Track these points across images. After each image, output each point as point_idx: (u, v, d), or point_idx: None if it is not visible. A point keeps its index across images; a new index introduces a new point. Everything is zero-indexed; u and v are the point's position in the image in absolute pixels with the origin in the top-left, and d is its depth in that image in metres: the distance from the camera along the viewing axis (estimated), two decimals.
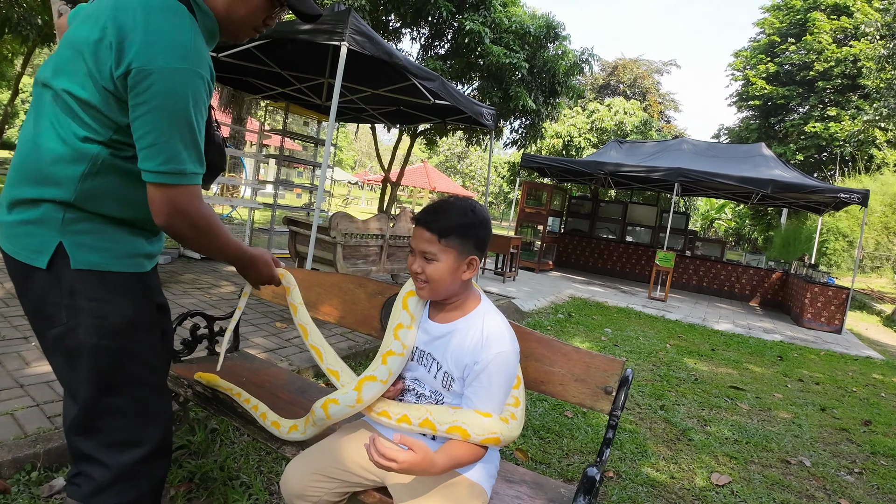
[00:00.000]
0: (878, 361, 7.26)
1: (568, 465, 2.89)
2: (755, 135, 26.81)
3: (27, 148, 1.29)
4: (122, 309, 1.35)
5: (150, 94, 1.19)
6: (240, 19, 1.43)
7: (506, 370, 1.43)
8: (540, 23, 11.72)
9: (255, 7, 1.43)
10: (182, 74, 1.21)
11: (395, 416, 1.47)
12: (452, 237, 1.43)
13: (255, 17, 1.45)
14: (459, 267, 1.46)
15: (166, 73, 1.19)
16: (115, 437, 1.38)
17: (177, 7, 1.26)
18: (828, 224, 17.67)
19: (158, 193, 1.25)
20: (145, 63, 1.18)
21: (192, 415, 2.52)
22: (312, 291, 2.29)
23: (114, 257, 1.34)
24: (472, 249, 1.47)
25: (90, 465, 1.37)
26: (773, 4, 28.51)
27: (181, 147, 1.23)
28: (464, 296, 1.53)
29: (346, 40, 4.38)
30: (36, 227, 1.28)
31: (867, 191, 9.78)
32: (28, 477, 2.05)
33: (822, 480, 3.18)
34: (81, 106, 1.24)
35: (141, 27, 1.20)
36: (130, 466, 1.38)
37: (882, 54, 15.97)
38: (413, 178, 29.12)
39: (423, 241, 1.46)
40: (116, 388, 1.37)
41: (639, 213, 14.77)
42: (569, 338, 5.88)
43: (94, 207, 1.30)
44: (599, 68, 39.27)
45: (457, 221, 1.44)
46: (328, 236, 5.16)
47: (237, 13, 1.42)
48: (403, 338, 1.55)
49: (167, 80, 1.19)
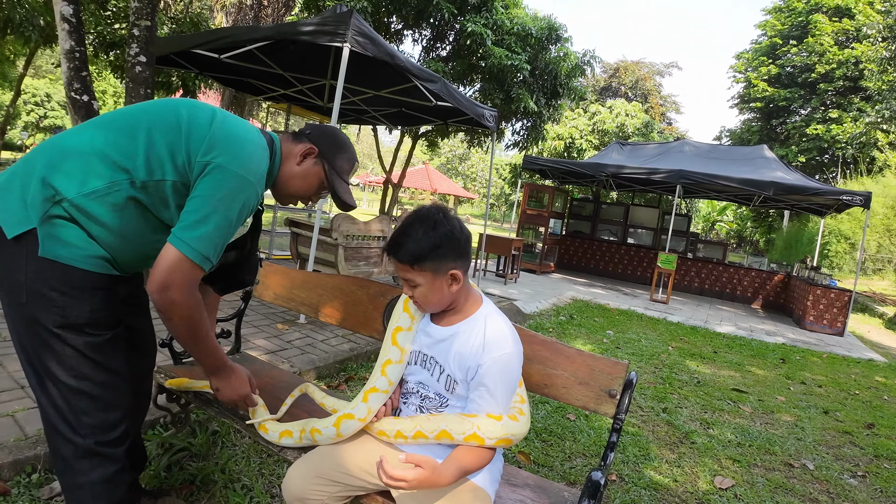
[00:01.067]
0: (880, 364, 7.24)
1: (570, 468, 2.88)
2: (757, 137, 26.81)
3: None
4: (81, 306, 1.43)
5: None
6: (294, 191, 1.72)
7: (510, 372, 1.43)
8: (542, 25, 11.71)
9: (309, 188, 1.72)
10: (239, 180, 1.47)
11: (411, 433, 1.46)
12: (423, 262, 1.42)
13: (306, 194, 1.74)
14: (442, 284, 1.45)
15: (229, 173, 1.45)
16: (82, 420, 1.47)
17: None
18: (830, 226, 17.64)
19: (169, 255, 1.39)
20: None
21: (193, 417, 2.51)
22: (314, 293, 2.28)
23: (82, 255, 1.41)
24: (450, 264, 1.44)
25: (60, 441, 1.47)
26: (775, 6, 28.54)
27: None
28: (463, 300, 1.53)
29: (349, 42, 4.38)
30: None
31: (869, 193, 9.76)
32: (28, 479, 2.05)
33: (826, 484, 3.16)
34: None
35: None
36: (93, 446, 1.48)
37: (884, 56, 15.98)
38: (415, 180, 29.15)
39: (400, 270, 1.47)
40: (75, 375, 1.45)
41: (640, 215, 14.75)
42: (570, 340, 5.86)
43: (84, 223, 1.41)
44: (601, 70, 39.31)
45: (422, 245, 1.42)
46: (330, 238, 5.15)
47: (294, 186, 1.71)
48: (402, 342, 1.57)
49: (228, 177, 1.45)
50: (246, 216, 1.52)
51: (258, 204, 1.57)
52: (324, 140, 1.72)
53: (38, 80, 41.48)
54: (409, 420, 1.49)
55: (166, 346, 2.20)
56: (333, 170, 1.72)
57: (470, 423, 1.39)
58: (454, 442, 1.40)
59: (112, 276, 1.49)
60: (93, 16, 10.32)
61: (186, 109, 1.51)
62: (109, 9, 11.04)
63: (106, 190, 1.38)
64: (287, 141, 1.72)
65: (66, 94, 4.98)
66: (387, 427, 1.51)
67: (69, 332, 1.42)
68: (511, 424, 1.41)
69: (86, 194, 1.37)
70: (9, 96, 21.19)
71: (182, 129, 1.45)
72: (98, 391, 1.47)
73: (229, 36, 5.21)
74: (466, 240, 1.48)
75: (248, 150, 1.49)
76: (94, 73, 14.84)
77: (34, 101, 41.10)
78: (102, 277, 1.46)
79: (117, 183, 1.39)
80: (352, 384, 3.49)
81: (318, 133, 1.73)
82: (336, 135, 1.76)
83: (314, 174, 1.71)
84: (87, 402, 1.46)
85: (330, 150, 1.72)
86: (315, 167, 1.70)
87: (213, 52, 5.76)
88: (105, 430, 1.49)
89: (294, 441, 1.66)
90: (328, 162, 1.71)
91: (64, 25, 4.87)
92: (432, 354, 1.51)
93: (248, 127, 1.57)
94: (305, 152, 1.68)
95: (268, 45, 5.73)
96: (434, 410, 1.51)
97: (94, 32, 10.55)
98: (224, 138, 1.47)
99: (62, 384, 1.43)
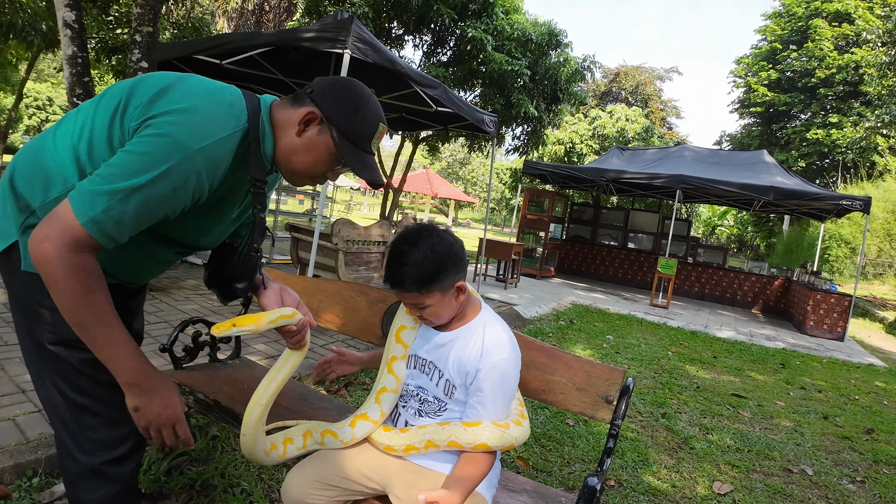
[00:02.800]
0: (880, 369, 7.24)
1: (569, 473, 2.88)
2: (757, 141, 26.85)
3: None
4: None
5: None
6: (300, 168, 1.41)
7: (508, 377, 1.44)
8: (542, 30, 11.76)
9: (317, 162, 1.40)
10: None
11: (422, 444, 1.47)
12: (431, 285, 1.42)
13: (315, 170, 1.42)
14: (451, 299, 1.47)
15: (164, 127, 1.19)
16: (87, 435, 1.37)
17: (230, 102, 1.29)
18: (830, 231, 17.65)
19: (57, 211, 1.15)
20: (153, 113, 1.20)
21: (192, 422, 2.52)
22: (314, 299, 2.29)
23: None
24: (453, 278, 1.45)
25: (66, 457, 1.39)
26: (775, 11, 28.60)
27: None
28: (463, 307, 1.54)
29: (349, 48, 4.41)
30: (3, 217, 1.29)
31: (869, 198, 9.77)
32: (29, 483, 2.05)
33: (824, 489, 3.17)
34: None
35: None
36: (97, 465, 1.38)
37: (884, 61, 16.00)
38: (415, 184, 29.17)
39: (406, 298, 1.47)
40: (76, 391, 1.35)
41: (641, 219, 14.77)
42: (570, 345, 5.87)
43: None
44: (601, 75, 39.42)
45: (426, 269, 1.41)
46: (330, 243, 5.17)
47: (298, 162, 1.40)
48: (406, 339, 1.58)
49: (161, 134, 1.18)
50: (185, 196, 1.23)
51: (204, 186, 1.25)
52: (329, 98, 1.37)
53: (40, 84, 41.63)
54: (416, 432, 1.49)
55: (166, 351, 2.21)
56: (345, 137, 1.37)
57: (478, 432, 1.40)
58: (463, 450, 1.42)
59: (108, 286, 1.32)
60: (95, 21, 10.37)
61: (137, 80, 1.29)
62: (112, 14, 11.10)
63: (65, 194, 1.19)
64: (284, 106, 1.40)
65: (69, 99, 5.01)
66: (395, 442, 1.51)
67: (63, 349, 1.31)
68: (516, 430, 1.44)
69: (49, 202, 1.22)
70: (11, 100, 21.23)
71: (120, 106, 1.23)
72: (100, 407, 1.37)
73: (231, 42, 5.24)
74: (461, 248, 1.50)
75: (191, 111, 1.20)
76: (95, 78, 14.90)
77: (36, 105, 41.25)
78: None
79: (73, 185, 1.21)
80: (351, 389, 3.50)
81: (322, 90, 1.38)
82: (346, 88, 1.40)
83: (320, 145, 1.37)
84: (91, 418, 1.37)
85: (338, 111, 1.36)
86: (321, 136, 1.36)
87: (215, 57, 5.79)
88: (110, 448, 1.40)
89: (297, 448, 1.60)
90: (336, 127, 1.36)
91: (66, 31, 4.90)
92: (431, 359, 1.52)
93: (207, 88, 1.28)
94: (306, 118, 1.35)
95: (269, 51, 5.76)
96: (433, 414, 1.52)
97: (97, 37, 10.60)
98: (168, 99, 1.21)
99: (67, 399, 1.35)
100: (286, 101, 1.41)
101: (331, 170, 1.42)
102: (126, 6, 10.84)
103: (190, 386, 2.06)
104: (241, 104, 1.31)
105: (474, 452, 1.40)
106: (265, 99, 1.40)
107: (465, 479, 1.36)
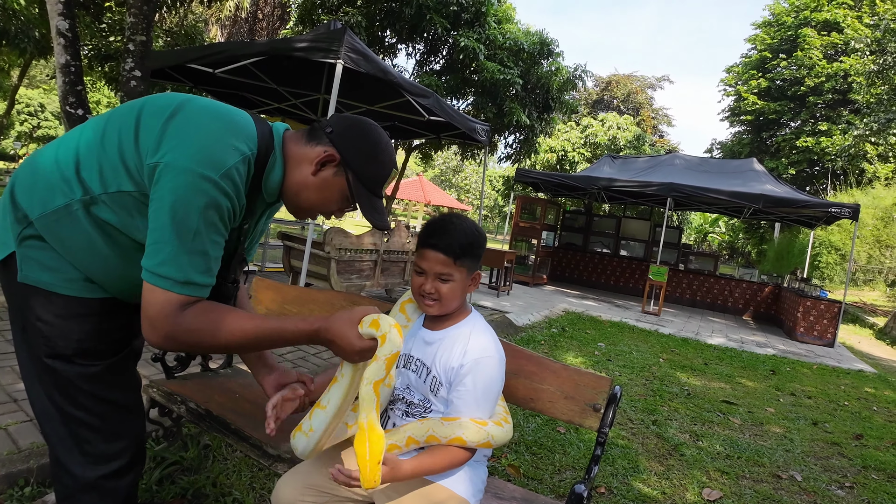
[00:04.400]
0: (870, 375, 7.30)
1: (560, 480, 2.90)
2: (747, 149, 27.05)
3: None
4: (67, 335, 1.29)
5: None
6: (308, 204, 1.40)
7: (491, 376, 1.47)
8: (534, 39, 11.86)
9: (327, 201, 1.40)
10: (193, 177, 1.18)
11: (403, 442, 1.48)
12: (465, 257, 1.49)
13: (323, 208, 1.42)
14: (467, 283, 1.53)
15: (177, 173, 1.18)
16: (84, 448, 1.36)
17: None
18: (820, 237, 17.79)
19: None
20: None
21: (185, 431, 2.53)
22: (306, 308, 2.31)
23: (62, 279, 1.27)
24: (477, 265, 1.54)
25: (61, 472, 1.37)
26: (765, 21, 28.91)
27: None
28: (457, 309, 1.58)
29: (342, 58, 4.44)
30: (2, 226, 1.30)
31: (857, 205, 9.87)
32: (21, 492, 2.05)
33: (813, 495, 3.20)
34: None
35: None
36: (94, 480, 1.37)
37: (872, 70, 16.17)
38: (408, 192, 29.17)
39: (438, 264, 1.48)
40: (73, 404, 1.34)
41: (632, 227, 14.84)
42: (562, 352, 5.89)
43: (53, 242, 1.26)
44: (593, 84, 39.64)
45: (466, 241, 1.48)
46: (322, 251, 5.18)
47: (307, 199, 1.39)
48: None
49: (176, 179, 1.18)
50: (223, 219, 1.23)
51: (236, 207, 1.26)
52: (349, 142, 1.36)
53: (32, 91, 41.52)
54: (397, 431, 1.52)
55: (158, 360, 2.23)
56: (360, 182, 1.37)
57: (454, 426, 1.42)
58: (441, 444, 1.44)
59: (107, 300, 1.33)
60: (88, 28, 10.38)
61: (145, 102, 1.29)
62: (105, 21, 11.11)
63: (66, 208, 1.22)
64: (299, 141, 1.38)
65: (62, 107, 5.02)
66: (395, 437, 1.53)
67: (59, 363, 1.30)
68: (495, 428, 1.45)
69: (47, 214, 1.23)
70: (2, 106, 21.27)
71: (133, 127, 1.23)
72: (96, 421, 1.35)
73: (224, 51, 5.27)
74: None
75: (203, 138, 1.20)
76: (88, 85, 14.88)
77: (28, 112, 41.14)
78: (92, 302, 1.31)
79: (76, 199, 1.22)
80: None
81: (342, 131, 1.37)
82: (366, 133, 1.39)
83: (334, 186, 1.37)
84: (88, 432, 1.35)
85: (357, 156, 1.36)
86: (336, 178, 1.36)
87: (208, 66, 5.81)
88: (107, 461, 1.38)
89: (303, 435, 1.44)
90: (354, 172, 1.36)
91: (60, 40, 4.91)
92: (419, 357, 1.55)
93: (217, 112, 1.27)
94: (324, 159, 1.34)
95: (262, 60, 5.79)
96: (419, 416, 1.54)
97: (90, 44, 10.60)
98: (177, 129, 1.20)
99: (63, 412, 1.33)
100: (301, 136, 1.39)
101: (339, 209, 1.43)
102: (119, 14, 10.85)
103: (181, 395, 2.07)
104: (251, 127, 1.30)
105: (452, 447, 1.42)
106: (277, 127, 1.39)
107: (421, 462, 1.41)
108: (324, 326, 1.27)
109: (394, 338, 1.28)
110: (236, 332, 1.23)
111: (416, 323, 1.63)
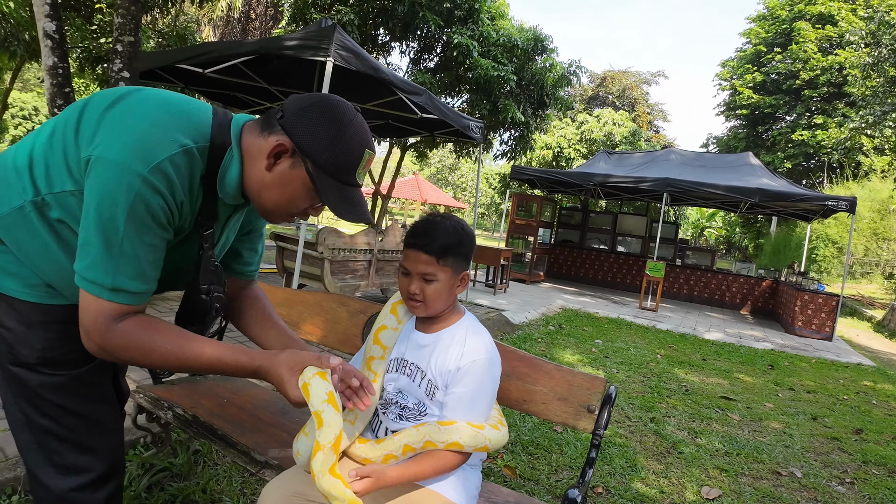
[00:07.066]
0: (868, 368, 7.28)
1: (557, 481, 2.86)
2: (743, 143, 27.02)
3: None
4: (30, 343, 1.22)
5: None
6: (272, 206, 1.25)
7: (487, 377, 1.44)
8: (528, 36, 11.82)
9: (293, 198, 1.23)
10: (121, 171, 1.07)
11: (399, 451, 1.44)
12: (448, 257, 1.46)
13: (292, 208, 1.26)
14: (454, 283, 1.50)
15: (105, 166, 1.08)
16: (53, 459, 1.30)
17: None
18: (817, 231, 17.81)
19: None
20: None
21: (174, 436, 2.49)
22: (295, 310, 2.27)
23: (25, 285, 1.21)
24: (464, 265, 1.51)
25: (34, 482, 1.32)
26: (759, 14, 28.87)
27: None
28: (449, 309, 1.54)
29: (332, 56, 4.39)
30: None
31: (854, 198, 9.87)
32: (9, 501, 2.02)
33: (814, 492, 3.17)
34: None
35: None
36: (66, 492, 1.30)
37: (867, 62, 16.17)
38: (404, 191, 29.10)
39: (421, 264, 1.46)
40: (40, 413, 1.27)
41: (629, 223, 14.82)
42: (559, 350, 5.86)
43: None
44: (588, 80, 39.60)
45: (450, 240, 1.46)
46: (315, 251, 5.14)
47: (270, 199, 1.24)
48: (385, 341, 1.56)
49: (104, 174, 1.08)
50: (157, 220, 1.12)
51: (173, 206, 1.14)
52: (303, 126, 1.17)
53: (25, 94, 41.37)
54: (392, 440, 1.48)
55: None
56: (322, 171, 1.18)
57: (451, 430, 1.39)
58: (437, 449, 1.40)
59: (71, 307, 1.21)
60: (79, 30, 10.31)
61: (94, 95, 1.20)
62: (95, 23, 11.03)
63: (20, 209, 1.15)
64: (252, 132, 1.22)
65: (49, 110, 4.96)
66: (372, 454, 1.47)
67: (22, 370, 1.24)
68: (492, 432, 1.42)
69: (4, 215, 1.16)
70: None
71: (76, 121, 1.14)
72: (63, 432, 1.28)
73: (214, 51, 5.22)
74: (474, 249, 1.55)
75: (139, 128, 1.09)
76: (80, 87, 14.81)
77: (21, 115, 40.97)
78: (55, 309, 1.23)
79: (28, 200, 1.15)
80: None
81: (295, 114, 1.18)
82: (324, 112, 1.19)
83: (295, 180, 1.20)
84: (56, 442, 1.29)
85: (313, 140, 1.17)
86: (294, 170, 1.19)
87: (198, 66, 5.76)
88: (78, 473, 1.31)
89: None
90: (312, 160, 1.17)
91: (47, 42, 4.85)
92: (413, 360, 1.52)
93: (163, 102, 1.16)
94: (275, 150, 1.17)
95: (253, 59, 5.74)
96: (414, 420, 1.50)
97: (81, 47, 10.53)
98: (113, 119, 1.11)
99: (31, 421, 1.27)
100: (254, 126, 1.24)
101: (311, 206, 1.27)
102: (110, 15, 10.77)
103: (168, 401, 2.02)
104: (204, 118, 1.19)
105: (444, 451, 1.39)
106: (237, 119, 1.26)
107: (407, 468, 1.38)
108: (264, 366, 1.20)
109: (330, 419, 1.17)
110: (170, 357, 1.16)
111: (408, 325, 1.59)
